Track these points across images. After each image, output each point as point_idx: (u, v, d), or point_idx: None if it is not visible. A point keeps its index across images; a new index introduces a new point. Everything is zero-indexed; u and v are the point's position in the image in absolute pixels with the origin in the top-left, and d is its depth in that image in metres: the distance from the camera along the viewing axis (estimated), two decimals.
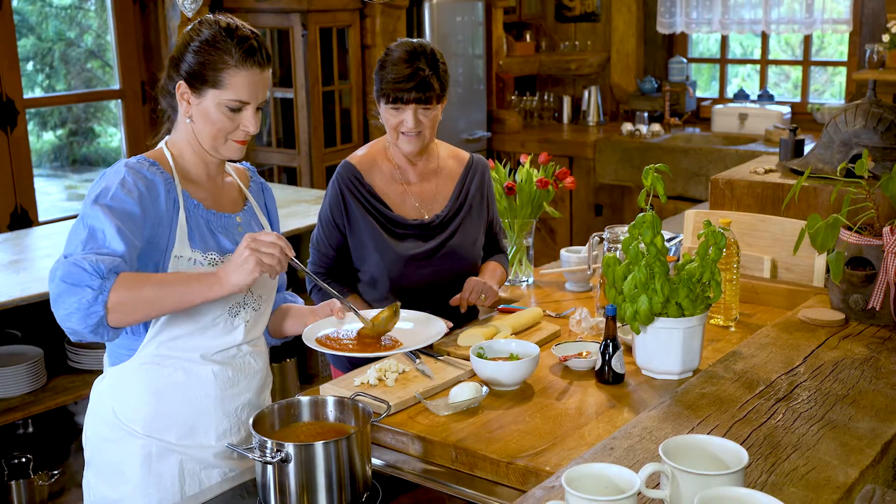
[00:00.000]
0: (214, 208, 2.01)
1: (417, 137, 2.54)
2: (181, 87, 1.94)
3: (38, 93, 5.95)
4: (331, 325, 2.17)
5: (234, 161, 2.05)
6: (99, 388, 2.03)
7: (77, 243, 1.80)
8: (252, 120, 1.96)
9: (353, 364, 2.53)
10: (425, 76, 2.48)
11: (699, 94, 6.89)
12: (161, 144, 2.02)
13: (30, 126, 4.85)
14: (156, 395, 1.96)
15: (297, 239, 4.25)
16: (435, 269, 2.59)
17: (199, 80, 1.93)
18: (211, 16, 1.99)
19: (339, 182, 2.59)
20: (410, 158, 2.62)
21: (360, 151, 2.67)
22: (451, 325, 2.46)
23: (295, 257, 1.89)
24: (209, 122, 1.94)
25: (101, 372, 3.44)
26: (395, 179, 2.63)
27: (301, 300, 2.29)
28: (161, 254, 1.90)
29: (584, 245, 3.05)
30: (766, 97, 6.51)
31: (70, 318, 1.75)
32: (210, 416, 1.99)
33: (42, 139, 7.52)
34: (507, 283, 3.01)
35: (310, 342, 2.09)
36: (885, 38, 5.51)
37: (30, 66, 6.12)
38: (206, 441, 2.00)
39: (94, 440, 2.03)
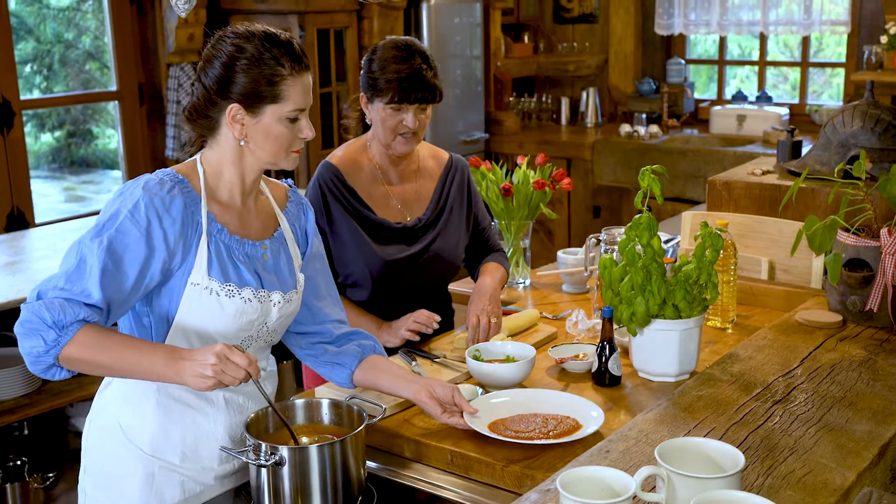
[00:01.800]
0: (239, 234, 1.90)
1: (414, 138, 2.49)
2: (233, 110, 1.83)
3: (36, 95, 5.94)
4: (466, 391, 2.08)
5: (290, 172, 1.96)
6: (105, 397, 1.97)
7: (63, 273, 1.75)
8: (309, 125, 1.89)
9: None
10: (429, 76, 2.43)
11: (697, 95, 6.89)
12: (195, 159, 1.92)
13: (28, 128, 4.85)
14: (165, 416, 1.91)
15: None
16: (418, 272, 2.55)
17: (256, 99, 1.82)
18: (237, 29, 1.87)
19: (320, 183, 2.52)
20: (394, 159, 2.56)
21: (340, 152, 2.59)
22: (439, 318, 2.43)
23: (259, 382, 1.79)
24: (270, 138, 1.86)
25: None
26: (377, 181, 2.56)
27: (381, 348, 2.15)
28: (178, 280, 1.83)
29: (582, 247, 3.04)
30: (764, 98, 6.50)
31: (26, 358, 1.75)
32: (216, 441, 1.94)
33: (40, 141, 7.51)
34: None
35: (482, 428, 1.93)
36: (884, 39, 5.51)
37: (28, 68, 6.11)
38: (210, 465, 1.95)
39: (95, 451, 1.98)
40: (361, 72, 2.52)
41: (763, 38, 6.60)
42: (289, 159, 1.90)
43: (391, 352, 2.37)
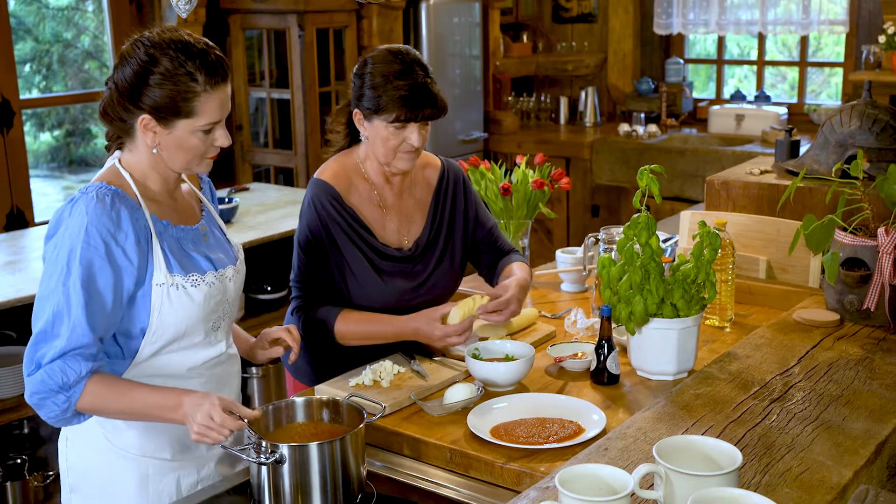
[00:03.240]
0: (182, 223, 1.94)
1: (416, 154, 2.34)
2: (145, 120, 1.82)
3: (35, 94, 5.94)
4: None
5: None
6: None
7: (46, 329, 1.77)
8: (224, 135, 1.88)
9: (319, 378, 2.39)
10: (434, 89, 2.28)
11: (696, 94, 6.90)
12: (113, 164, 1.90)
13: (27, 127, 4.85)
14: None
15: (292, 239, 4.24)
16: (421, 298, 2.43)
17: (168, 114, 1.81)
18: (153, 36, 1.83)
19: (317, 205, 2.34)
20: (388, 177, 2.41)
21: (330, 168, 2.40)
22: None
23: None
24: (183, 149, 1.85)
25: None
26: (373, 202, 2.40)
27: None
28: (146, 286, 1.84)
29: (581, 246, 3.04)
30: (762, 98, 6.51)
31: (47, 420, 1.84)
32: None
33: (39, 140, 7.51)
34: None
35: (484, 434, 1.93)
36: (882, 39, 5.52)
37: (27, 68, 6.11)
38: (199, 452, 1.98)
39: (79, 466, 1.96)
40: (353, 87, 2.34)
41: (761, 38, 6.61)
42: (202, 165, 1.92)
43: (395, 349, 2.36)
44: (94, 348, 1.78)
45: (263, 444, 1.74)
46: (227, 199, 4.30)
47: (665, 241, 3.18)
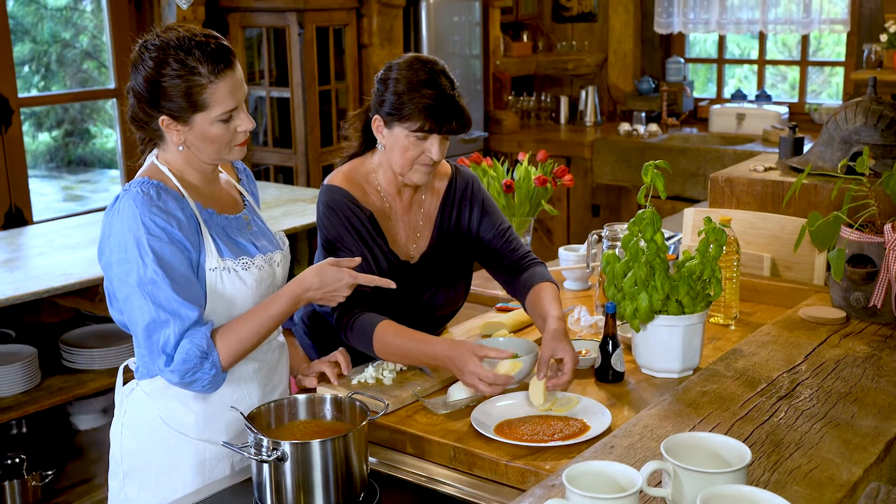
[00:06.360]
0: (225, 212, 1.99)
1: (433, 167, 2.26)
2: (165, 121, 1.87)
3: (34, 94, 5.92)
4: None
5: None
6: (135, 398, 1.97)
7: (153, 318, 1.82)
8: (246, 119, 1.91)
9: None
10: (462, 104, 2.20)
11: (696, 94, 6.89)
12: (153, 161, 1.94)
13: (25, 127, 4.83)
14: (203, 400, 1.95)
15: (294, 238, 4.23)
16: (421, 313, 2.37)
17: (183, 111, 1.85)
18: (154, 39, 1.86)
19: (334, 207, 2.25)
20: (401, 188, 2.33)
21: (342, 173, 2.32)
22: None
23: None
24: (208, 140, 1.88)
25: (94, 372, 3.39)
26: (384, 213, 2.32)
27: None
28: (201, 271, 1.89)
29: (584, 244, 3.02)
30: (763, 97, 6.50)
31: (202, 392, 1.92)
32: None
33: (38, 140, 7.49)
34: None
35: (488, 432, 1.91)
36: (883, 38, 5.51)
37: (26, 69, 6.09)
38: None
39: (136, 451, 1.97)
40: (375, 91, 2.25)
41: (762, 37, 6.60)
42: (233, 152, 1.95)
43: None
44: (202, 317, 1.86)
45: (265, 441, 1.72)
46: None
47: (667, 239, 3.16)
